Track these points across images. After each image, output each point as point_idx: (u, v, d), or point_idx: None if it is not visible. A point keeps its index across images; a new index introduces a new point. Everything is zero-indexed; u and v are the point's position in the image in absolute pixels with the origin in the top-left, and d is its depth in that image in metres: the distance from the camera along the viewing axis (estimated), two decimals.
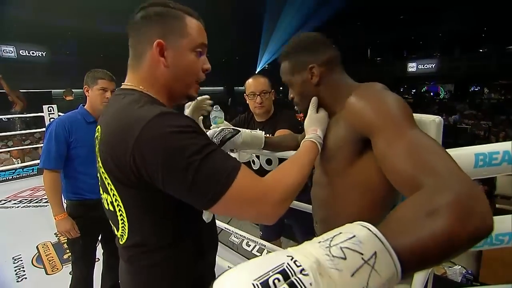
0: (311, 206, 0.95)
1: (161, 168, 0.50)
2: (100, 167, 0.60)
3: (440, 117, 0.77)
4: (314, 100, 0.81)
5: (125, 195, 0.58)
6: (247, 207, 0.53)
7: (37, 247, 2.43)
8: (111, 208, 0.62)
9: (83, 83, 1.51)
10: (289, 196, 0.57)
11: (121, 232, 0.62)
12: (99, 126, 0.63)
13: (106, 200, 0.63)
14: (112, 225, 0.66)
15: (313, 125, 0.79)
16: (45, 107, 3.74)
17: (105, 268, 1.66)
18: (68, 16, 11.66)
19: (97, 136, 0.64)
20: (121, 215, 0.60)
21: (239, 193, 0.51)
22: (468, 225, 0.34)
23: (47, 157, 1.42)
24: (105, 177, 0.59)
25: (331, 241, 0.29)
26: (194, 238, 0.67)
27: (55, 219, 1.44)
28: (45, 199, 3.36)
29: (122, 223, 0.61)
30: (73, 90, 4.41)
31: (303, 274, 0.25)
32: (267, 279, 0.24)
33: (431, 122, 0.73)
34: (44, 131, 2.18)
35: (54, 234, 2.54)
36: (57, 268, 2.16)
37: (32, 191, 3.76)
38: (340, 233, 0.30)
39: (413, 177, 0.46)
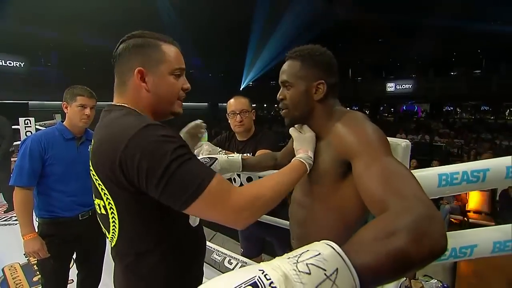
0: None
1: (145, 172, 0.56)
2: (94, 175, 0.66)
3: (408, 141, 0.84)
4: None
5: (119, 197, 0.64)
6: (215, 210, 0.59)
7: (2, 269, 2.27)
8: (103, 211, 0.68)
9: (63, 99, 1.49)
10: (254, 206, 0.61)
11: (112, 235, 0.68)
12: (93, 139, 0.70)
13: (99, 205, 0.69)
14: (104, 228, 0.72)
15: (303, 145, 0.81)
16: (21, 119, 3.58)
17: None
18: (51, 27, 11.47)
19: (91, 149, 0.71)
20: (113, 217, 0.66)
21: (210, 196, 0.57)
22: (422, 246, 0.37)
23: (19, 174, 1.37)
24: (98, 183, 0.65)
25: (298, 257, 0.32)
26: (179, 240, 0.71)
27: (23, 239, 1.36)
28: (15, 217, 3.17)
29: (113, 225, 0.66)
30: (53, 102, 4.28)
31: (272, 287, 0.29)
32: None
33: (397, 146, 0.79)
34: (18, 144, 2.09)
35: (24, 254, 2.38)
36: None
37: (0, 208, 3.54)
38: (308, 250, 0.33)
39: (382, 199, 0.52)
